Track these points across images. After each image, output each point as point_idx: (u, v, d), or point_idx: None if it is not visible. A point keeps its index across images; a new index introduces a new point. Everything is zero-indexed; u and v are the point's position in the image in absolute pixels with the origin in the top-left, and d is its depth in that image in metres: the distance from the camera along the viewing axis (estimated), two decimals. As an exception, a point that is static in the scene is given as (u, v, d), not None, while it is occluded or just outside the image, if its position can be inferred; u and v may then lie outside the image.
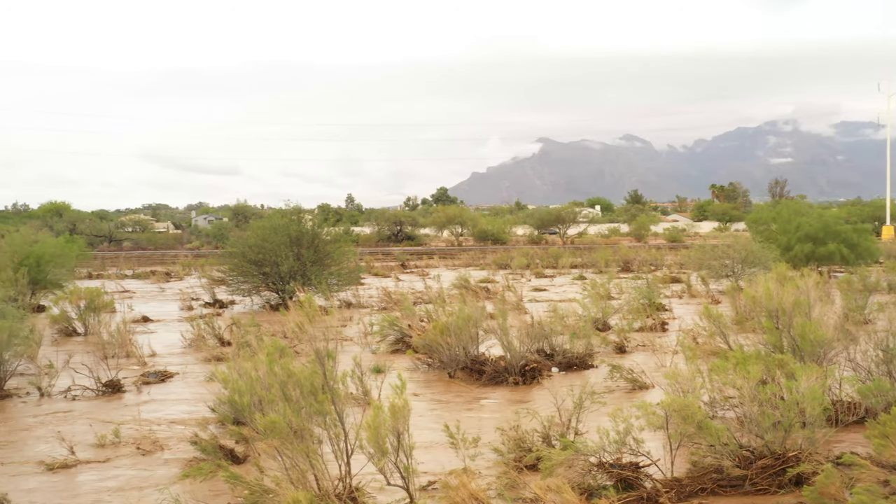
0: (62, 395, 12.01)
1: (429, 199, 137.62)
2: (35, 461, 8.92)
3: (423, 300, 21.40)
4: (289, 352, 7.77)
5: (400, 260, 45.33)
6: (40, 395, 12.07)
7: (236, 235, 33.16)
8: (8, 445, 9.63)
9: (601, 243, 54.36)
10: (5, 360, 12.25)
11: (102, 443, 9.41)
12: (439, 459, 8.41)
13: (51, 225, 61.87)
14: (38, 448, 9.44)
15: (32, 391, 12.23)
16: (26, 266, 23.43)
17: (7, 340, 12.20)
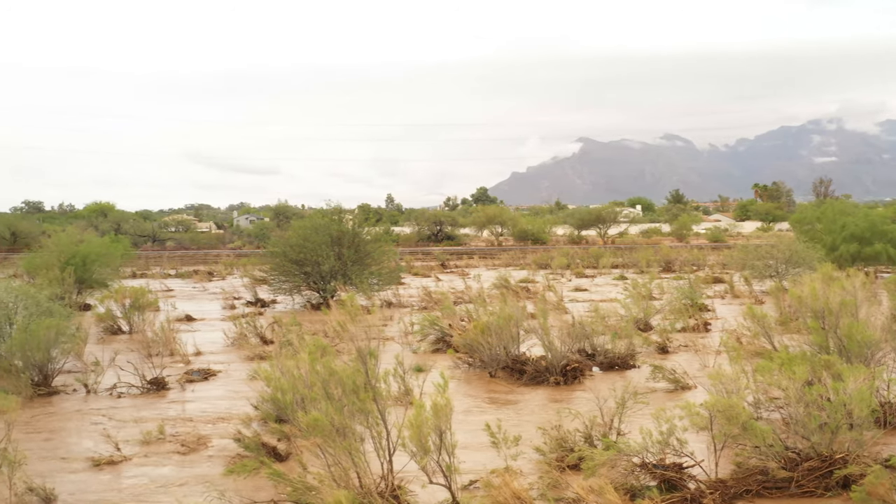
0: (108, 392, 12.18)
1: (468, 198, 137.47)
2: (81, 457, 9.04)
3: (463, 300, 21.39)
4: (331, 350, 7.80)
5: (440, 260, 45.36)
6: (87, 392, 12.24)
7: (277, 235, 33.37)
8: (55, 441, 9.78)
9: (642, 243, 53.99)
10: (53, 357, 12.44)
11: (147, 439, 9.52)
12: (481, 458, 8.40)
13: (96, 225, 62.76)
14: (84, 444, 9.57)
15: (79, 388, 12.41)
16: (73, 265, 23.80)
17: (54, 338, 12.38)
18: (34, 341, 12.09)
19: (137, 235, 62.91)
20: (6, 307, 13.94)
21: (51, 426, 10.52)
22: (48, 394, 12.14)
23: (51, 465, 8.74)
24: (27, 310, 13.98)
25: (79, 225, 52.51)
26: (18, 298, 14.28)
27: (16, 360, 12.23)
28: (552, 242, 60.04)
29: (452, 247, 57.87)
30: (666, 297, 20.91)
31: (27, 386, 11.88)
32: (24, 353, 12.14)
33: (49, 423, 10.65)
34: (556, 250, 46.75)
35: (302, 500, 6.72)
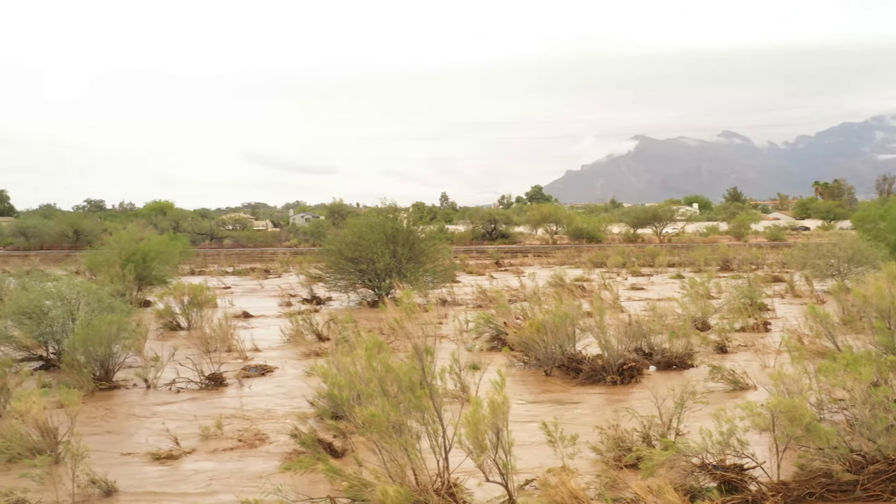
0: (167, 388, 12.35)
1: (523, 197, 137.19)
2: (141, 451, 9.17)
3: (518, 298, 21.31)
4: (386, 347, 7.80)
5: (494, 258, 45.28)
6: (147, 387, 12.43)
7: (333, 233, 33.58)
8: (116, 435, 9.94)
9: (699, 242, 53.27)
10: (114, 352, 12.65)
11: (206, 434, 9.63)
12: (537, 457, 8.34)
13: (155, 223, 63.82)
14: (143, 438, 9.71)
15: (139, 383, 12.60)
16: (133, 262, 24.21)
17: (116, 334, 12.59)
18: (96, 337, 12.30)
19: (196, 233, 63.83)
20: (69, 303, 14.22)
21: (111, 420, 10.69)
22: (109, 388, 12.35)
23: (111, 459, 8.87)
24: (89, 306, 14.26)
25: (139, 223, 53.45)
26: (81, 295, 14.56)
27: (78, 355, 12.45)
28: (607, 241, 59.59)
29: (507, 245, 57.76)
30: (724, 296, 20.61)
31: (89, 380, 12.10)
32: (86, 349, 12.36)
33: (110, 418, 10.83)
34: (611, 249, 46.34)
35: (358, 496, 6.73)
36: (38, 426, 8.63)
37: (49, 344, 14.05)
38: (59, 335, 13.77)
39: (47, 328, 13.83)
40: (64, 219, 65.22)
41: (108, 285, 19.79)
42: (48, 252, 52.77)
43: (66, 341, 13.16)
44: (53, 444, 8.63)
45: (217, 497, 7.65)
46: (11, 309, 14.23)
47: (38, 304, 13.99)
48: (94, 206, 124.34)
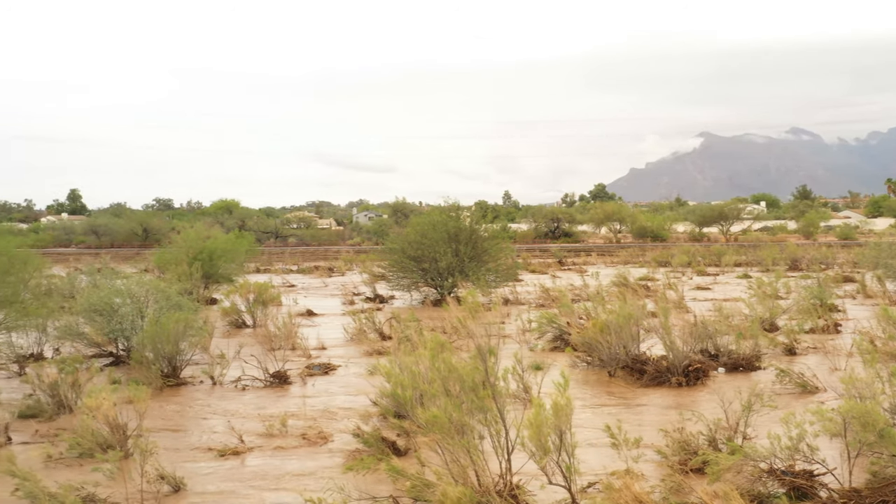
0: (233, 385, 12.51)
1: (586, 195, 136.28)
2: (207, 447, 9.30)
3: (581, 297, 21.16)
4: (449, 347, 7.79)
5: (557, 257, 45.04)
6: (213, 384, 12.61)
7: (396, 232, 33.75)
8: (183, 431, 10.09)
9: (767, 241, 52.31)
10: (181, 349, 12.86)
11: (270, 432, 9.73)
12: (600, 460, 8.26)
13: (222, 221, 64.78)
14: (210, 434, 9.84)
15: (205, 380, 12.79)
16: (200, 261, 24.59)
17: (183, 331, 12.80)
18: (164, 334, 12.52)
19: (261, 232, 64.63)
20: (138, 301, 14.50)
21: (178, 416, 10.86)
22: (177, 385, 12.55)
23: (178, 454, 9.01)
24: (158, 303, 14.52)
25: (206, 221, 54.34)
26: (150, 292, 14.84)
27: (147, 351, 12.68)
28: (672, 239, 58.87)
29: (570, 244, 57.41)
30: (793, 296, 20.20)
31: (157, 377, 12.32)
32: (155, 346, 12.59)
33: (177, 414, 11.01)
34: (676, 248, 45.76)
35: (420, 496, 6.73)
36: (109, 422, 8.80)
37: (119, 341, 14.34)
38: (129, 332, 14.05)
39: (117, 325, 14.11)
40: (134, 217, 66.59)
41: (176, 283, 20.12)
42: (118, 250, 53.94)
43: (136, 338, 13.42)
44: (123, 440, 8.80)
45: (281, 494, 7.73)
46: (83, 306, 14.56)
47: (108, 302, 14.29)
48: (163, 204, 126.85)
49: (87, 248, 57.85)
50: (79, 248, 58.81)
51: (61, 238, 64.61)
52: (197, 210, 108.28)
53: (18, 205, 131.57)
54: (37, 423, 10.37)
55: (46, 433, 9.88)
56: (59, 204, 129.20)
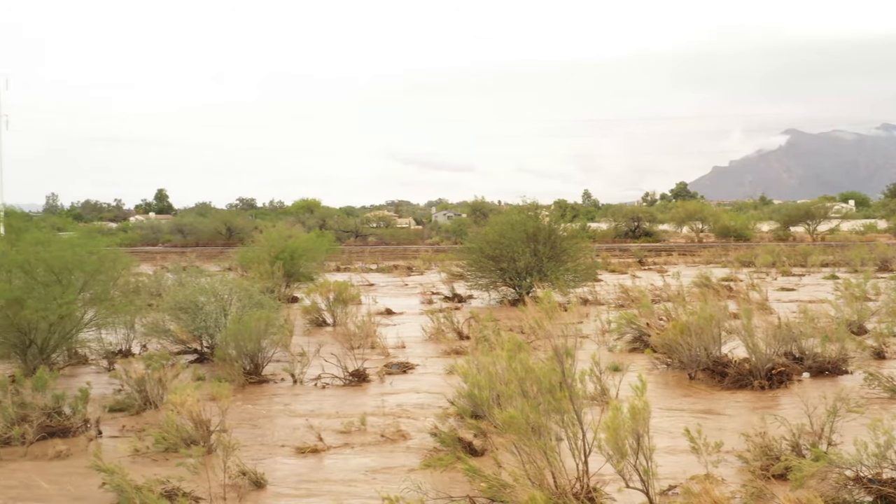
0: (313, 383, 12.69)
1: (667, 194, 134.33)
2: (287, 443, 9.46)
3: (661, 298, 20.89)
4: (526, 347, 7.78)
5: (637, 256, 44.56)
6: (293, 382, 12.81)
7: (474, 231, 33.76)
8: (264, 428, 10.28)
9: (855, 240, 50.83)
10: (263, 347, 13.09)
11: (349, 429, 9.84)
12: (679, 464, 8.16)
13: (303, 221, 65.63)
14: (290, 432, 10.00)
15: (286, 377, 12.99)
16: (281, 259, 24.99)
17: (265, 329, 13.03)
18: (246, 332, 12.76)
19: (341, 231, 65.28)
20: (222, 299, 14.81)
21: (260, 413, 11.07)
22: (258, 382, 12.78)
23: (260, 451, 9.18)
24: (240, 301, 14.81)
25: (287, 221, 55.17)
26: (233, 291, 15.15)
27: (230, 349, 12.94)
28: (756, 239, 57.62)
29: (650, 243, 56.68)
30: (882, 298, 19.60)
31: (240, 374, 12.57)
32: (238, 343, 12.84)
33: (258, 411, 11.21)
34: (760, 247, 44.77)
35: (497, 497, 6.74)
36: (193, 418, 9.02)
37: (203, 338, 14.67)
38: (213, 330, 14.36)
39: (202, 323, 14.44)
40: (218, 217, 67.89)
41: (259, 282, 20.49)
42: (203, 248, 55.07)
43: (219, 336, 13.71)
44: (206, 436, 9.00)
45: (359, 492, 7.82)
46: (169, 304, 14.94)
47: (193, 300, 14.63)
48: (246, 204, 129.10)
49: (173, 246, 59.23)
50: (165, 246, 60.25)
51: (149, 237, 66.26)
52: (279, 209, 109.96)
53: (108, 204, 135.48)
54: (125, 418, 10.69)
55: (133, 427, 10.17)
56: (146, 203, 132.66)
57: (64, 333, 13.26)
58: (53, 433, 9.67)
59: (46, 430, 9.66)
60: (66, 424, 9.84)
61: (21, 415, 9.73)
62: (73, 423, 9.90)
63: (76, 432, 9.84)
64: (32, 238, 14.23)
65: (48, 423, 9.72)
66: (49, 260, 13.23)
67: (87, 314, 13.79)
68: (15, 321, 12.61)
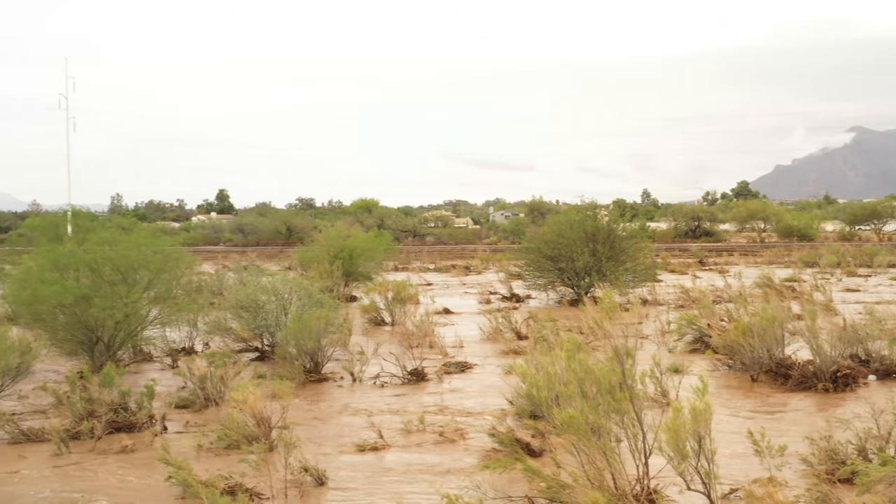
0: (372, 381, 12.77)
1: (728, 193, 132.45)
2: (348, 441, 9.54)
3: (722, 299, 20.62)
4: (585, 348, 7.75)
5: (698, 256, 44.01)
6: (352, 380, 12.90)
7: (532, 231, 33.67)
8: (324, 426, 10.38)
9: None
10: (323, 346, 13.21)
11: (408, 428, 9.89)
12: (742, 467, 8.05)
13: (361, 220, 66.02)
14: (350, 430, 10.08)
15: (346, 376, 13.10)
16: (340, 259, 25.17)
17: (324, 328, 13.15)
18: (306, 330, 12.89)
19: (399, 230, 65.54)
20: (282, 298, 14.98)
21: (320, 411, 11.18)
22: (318, 380, 12.90)
23: (320, 448, 9.27)
24: (300, 300, 14.97)
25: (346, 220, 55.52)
26: (293, 290, 15.31)
27: (290, 347, 13.09)
28: (820, 239, 56.50)
29: (711, 243, 55.94)
30: (952, 299, 19.09)
31: (300, 372, 12.70)
32: (298, 342, 12.97)
33: (318, 408, 11.33)
34: (824, 247, 43.88)
35: (556, 497, 6.72)
36: (254, 415, 9.14)
37: (264, 336, 14.85)
38: (273, 328, 14.53)
39: (262, 321, 14.63)
40: (278, 216, 68.70)
41: (318, 281, 20.67)
42: (263, 248, 55.76)
43: (279, 334, 13.87)
44: (267, 433, 9.12)
45: (418, 490, 7.85)
46: (231, 303, 15.17)
47: (254, 299, 14.83)
48: (305, 204, 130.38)
49: (234, 246, 60.05)
50: (226, 246, 61.10)
51: (210, 236, 67.28)
52: (338, 209, 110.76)
53: (171, 204, 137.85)
54: (188, 414, 10.88)
55: (197, 424, 10.35)
56: (208, 203, 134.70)
57: (129, 331, 13.54)
58: (120, 428, 9.89)
59: (113, 425, 9.88)
60: (132, 420, 10.06)
61: (89, 410, 9.96)
62: (139, 418, 10.11)
63: (142, 428, 10.05)
64: (99, 237, 14.55)
65: (115, 419, 9.95)
66: (115, 259, 13.53)
67: (152, 312, 14.07)
68: (83, 319, 12.92)
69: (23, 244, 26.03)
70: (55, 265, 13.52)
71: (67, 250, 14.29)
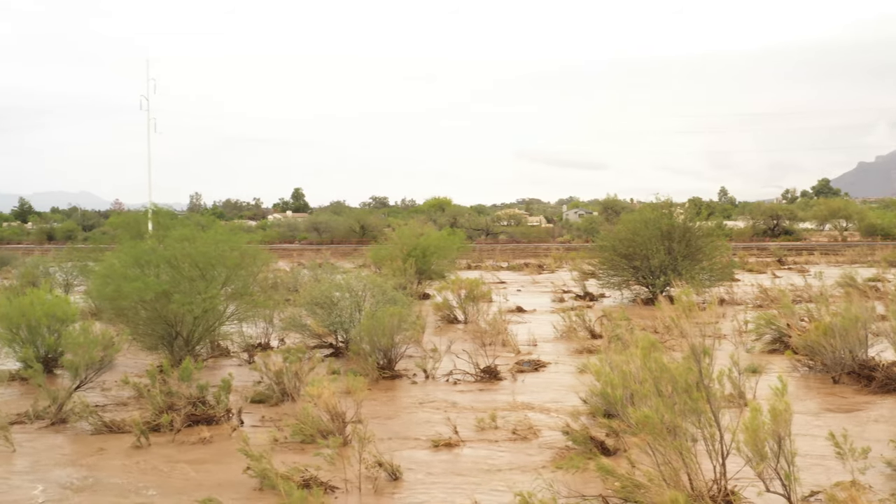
0: (444, 379, 12.81)
1: (809, 191, 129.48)
2: (421, 437, 9.58)
3: (802, 298, 20.16)
4: (660, 347, 7.64)
5: (776, 255, 43.12)
6: (425, 377, 12.95)
7: (606, 229, 33.37)
8: (397, 421, 10.45)
9: None
10: (396, 342, 13.29)
11: (481, 425, 9.89)
12: (823, 469, 7.86)
13: (434, 219, 66.25)
14: (423, 425, 10.13)
15: (419, 373, 13.15)
16: (414, 257, 25.30)
17: (398, 325, 13.22)
18: (380, 327, 12.98)
19: (472, 229, 65.58)
20: (356, 295, 15.11)
21: (393, 407, 11.25)
22: (391, 377, 12.99)
23: (393, 444, 9.32)
24: (374, 298, 15.08)
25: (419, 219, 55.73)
26: (367, 287, 15.44)
27: (364, 344, 13.19)
28: (905, 238, 54.88)
29: (790, 242, 54.73)
30: None
31: (374, 369, 12.79)
32: (371, 338, 13.07)
33: (391, 404, 11.40)
34: (909, 247, 42.61)
35: (630, 497, 6.64)
36: (329, 410, 9.24)
37: (338, 333, 15.00)
38: (347, 325, 14.67)
39: (336, 318, 14.78)
40: (352, 215, 69.35)
41: (391, 278, 20.80)
42: (338, 246, 56.27)
43: (353, 331, 14.00)
44: (342, 428, 9.21)
45: (491, 488, 7.85)
46: (306, 299, 15.36)
47: (328, 296, 14.99)
48: (379, 202, 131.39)
49: (308, 244, 60.75)
50: (301, 244, 61.84)
51: (286, 234, 68.21)
52: (411, 208, 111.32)
53: (248, 203, 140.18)
54: (264, 408, 11.05)
55: (272, 418, 10.50)
56: (283, 202, 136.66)
57: (207, 326, 13.82)
58: (198, 421, 10.10)
59: (192, 418, 10.09)
60: (210, 413, 10.25)
61: (168, 403, 10.19)
62: (217, 412, 10.30)
63: (219, 421, 10.24)
64: (178, 235, 14.86)
65: (193, 412, 10.15)
66: (194, 255, 13.81)
67: (229, 308, 14.33)
68: (163, 314, 13.22)
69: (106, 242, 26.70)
70: (137, 262, 13.87)
71: (148, 247, 14.64)
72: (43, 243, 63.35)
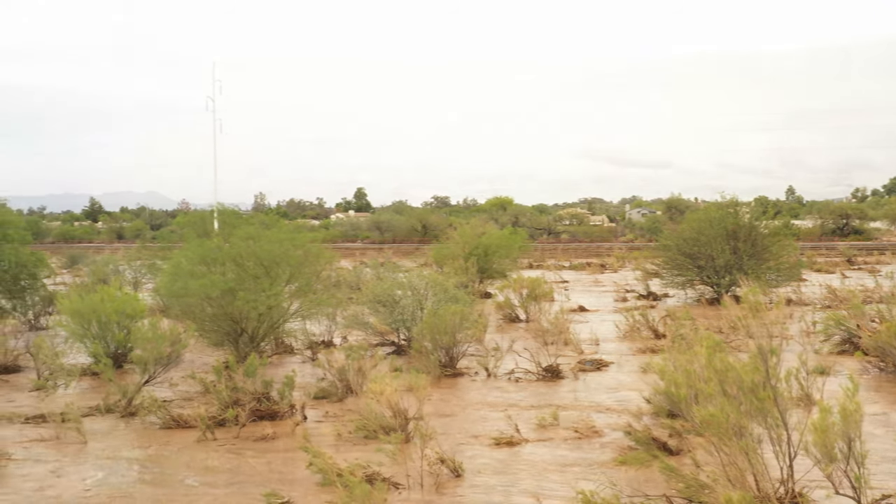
0: (506, 377, 12.79)
1: (880, 189, 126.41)
2: (483, 434, 9.58)
3: (872, 299, 19.70)
4: (724, 346, 7.53)
5: (846, 255, 42.21)
6: (487, 376, 12.95)
7: (670, 228, 32.99)
8: (459, 419, 10.46)
9: None
10: (458, 341, 13.32)
11: (542, 424, 9.86)
12: (895, 473, 7.67)
13: (496, 218, 66.19)
14: (484, 423, 10.13)
15: (480, 371, 13.16)
16: (475, 256, 25.33)
17: (459, 323, 13.25)
18: (442, 325, 13.02)
19: (534, 228, 65.44)
20: (418, 293, 15.18)
21: (455, 404, 11.27)
22: (453, 375, 13.01)
23: (454, 441, 9.34)
24: (436, 296, 15.13)
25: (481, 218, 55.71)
26: (428, 286, 15.50)
27: (426, 342, 13.24)
28: (982, 238, 53.30)
29: (860, 242, 53.52)
30: None
31: (435, 366, 12.84)
32: (433, 336, 13.12)
33: (453, 402, 11.42)
34: None
35: (695, 497, 6.56)
36: (391, 407, 9.29)
37: (400, 331, 15.08)
38: (409, 323, 14.74)
39: (399, 316, 14.86)
40: (413, 214, 69.69)
41: (453, 277, 20.85)
42: (399, 245, 56.55)
43: (415, 329, 14.06)
44: (404, 424, 9.25)
45: (552, 486, 7.81)
46: (368, 298, 15.48)
47: (390, 294, 15.09)
48: (441, 202, 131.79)
49: (371, 243, 61.16)
50: (364, 243, 62.29)
51: (348, 234, 68.85)
52: (472, 207, 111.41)
53: (311, 203, 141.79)
54: (327, 404, 11.16)
55: (335, 414, 10.60)
56: (346, 202, 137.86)
57: (272, 323, 14.00)
58: (262, 416, 10.24)
59: (256, 413, 10.23)
60: (275, 409, 10.38)
61: (233, 398, 10.34)
62: (281, 407, 10.43)
63: (283, 416, 10.36)
64: (243, 233, 15.08)
65: (258, 408, 10.29)
66: (259, 254, 14.00)
67: (293, 306, 14.50)
68: (228, 311, 13.43)
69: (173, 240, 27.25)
70: (203, 260, 14.11)
71: (214, 246, 14.89)
72: (113, 242, 65.00)
